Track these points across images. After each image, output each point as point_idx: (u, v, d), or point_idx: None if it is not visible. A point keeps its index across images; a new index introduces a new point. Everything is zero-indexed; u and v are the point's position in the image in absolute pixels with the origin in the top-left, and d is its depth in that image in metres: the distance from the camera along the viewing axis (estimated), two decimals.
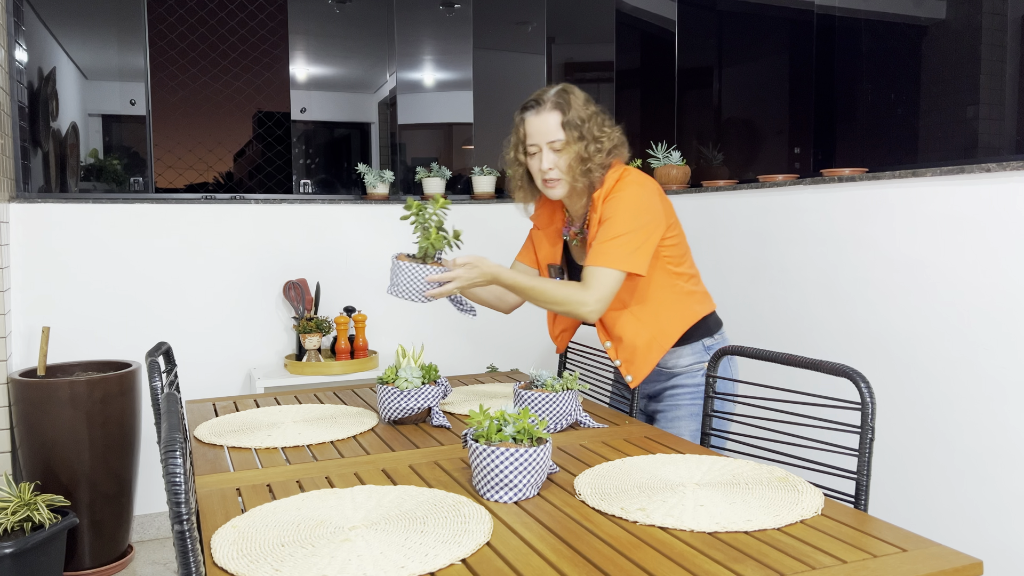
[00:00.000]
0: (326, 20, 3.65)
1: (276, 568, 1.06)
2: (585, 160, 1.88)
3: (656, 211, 1.87)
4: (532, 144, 1.92)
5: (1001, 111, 2.32)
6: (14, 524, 2.45)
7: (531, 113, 1.91)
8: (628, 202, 1.84)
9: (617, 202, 1.85)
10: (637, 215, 1.83)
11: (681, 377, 1.98)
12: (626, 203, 1.84)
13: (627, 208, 1.84)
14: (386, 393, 1.82)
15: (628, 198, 1.85)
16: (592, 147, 1.88)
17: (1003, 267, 2.05)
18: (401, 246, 3.59)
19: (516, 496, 1.33)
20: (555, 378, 1.81)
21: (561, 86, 1.94)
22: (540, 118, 1.89)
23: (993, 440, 2.09)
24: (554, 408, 1.75)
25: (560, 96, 1.90)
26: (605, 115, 1.95)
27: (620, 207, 1.84)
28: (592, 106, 1.93)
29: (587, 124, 1.88)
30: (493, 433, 1.36)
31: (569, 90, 1.92)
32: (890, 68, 2.68)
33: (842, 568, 1.06)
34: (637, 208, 1.84)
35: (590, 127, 1.89)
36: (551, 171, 1.90)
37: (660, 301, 1.93)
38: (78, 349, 3.13)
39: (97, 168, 3.35)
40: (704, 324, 1.98)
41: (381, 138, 3.80)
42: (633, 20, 3.96)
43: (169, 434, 0.98)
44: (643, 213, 1.84)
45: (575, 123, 1.88)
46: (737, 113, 3.47)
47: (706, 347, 1.97)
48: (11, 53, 3.07)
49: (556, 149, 1.89)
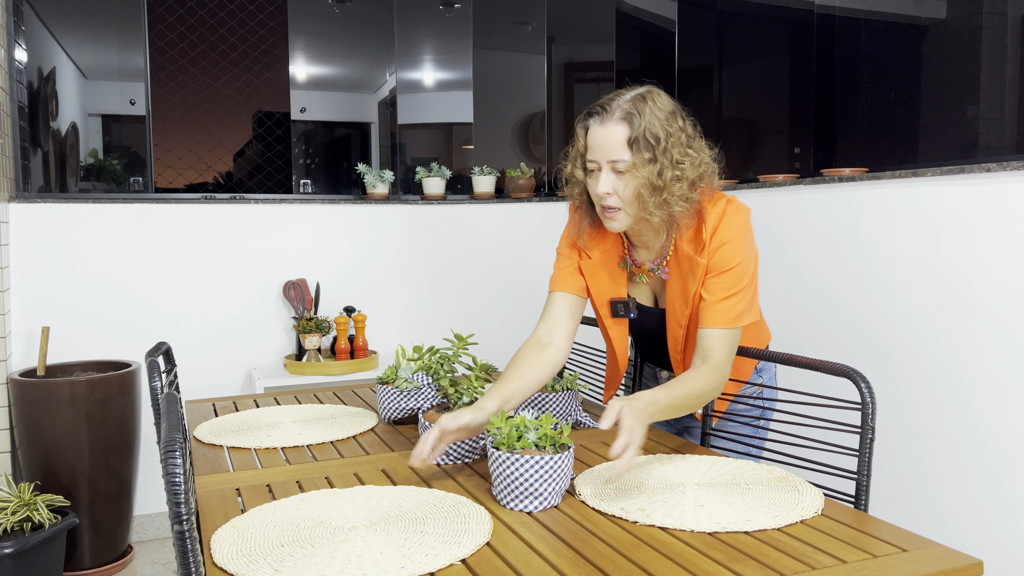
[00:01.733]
0: (326, 20, 3.65)
1: (276, 568, 1.06)
2: (658, 190, 1.51)
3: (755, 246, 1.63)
4: (592, 160, 1.56)
5: (1001, 111, 2.32)
6: (14, 524, 2.45)
7: (595, 121, 1.55)
8: (743, 246, 1.57)
9: (734, 249, 1.56)
10: (750, 262, 1.58)
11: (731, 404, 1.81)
12: (742, 247, 1.57)
13: (745, 254, 1.57)
14: (386, 393, 1.81)
15: (742, 241, 1.57)
16: (669, 174, 1.51)
17: (1003, 267, 2.05)
18: (401, 245, 3.59)
19: (541, 505, 1.28)
20: (555, 378, 1.80)
21: (642, 90, 1.56)
22: (604, 130, 1.52)
23: (993, 440, 2.09)
24: (554, 409, 1.75)
25: (634, 104, 1.52)
26: (695, 132, 1.59)
27: (740, 254, 1.56)
28: (679, 120, 1.55)
29: (664, 143, 1.51)
30: (514, 440, 1.31)
31: (649, 96, 1.54)
32: (890, 68, 2.68)
33: (842, 568, 1.06)
34: (750, 251, 1.58)
35: (668, 147, 1.51)
36: (609, 197, 1.54)
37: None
38: (78, 349, 3.13)
39: (97, 168, 3.35)
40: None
41: (381, 138, 3.80)
42: (633, 20, 3.96)
43: (169, 434, 0.98)
44: (753, 256, 1.60)
45: (648, 141, 1.50)
46: (737, 113, 3.47)
47: (757, 370, 1.80)
48: (11, 53, 3.07)
49: (619, 171, 1.52)
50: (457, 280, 3.69)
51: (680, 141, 1.54)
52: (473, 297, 3.71)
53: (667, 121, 1.53)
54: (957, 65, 2.43)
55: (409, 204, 3.62)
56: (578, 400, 1.82)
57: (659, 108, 1.53)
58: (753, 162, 3.35)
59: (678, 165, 1.52)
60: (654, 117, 1.52)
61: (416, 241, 3.62)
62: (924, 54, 2.56)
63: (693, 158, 1.54)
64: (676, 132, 1.53)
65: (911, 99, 2.60)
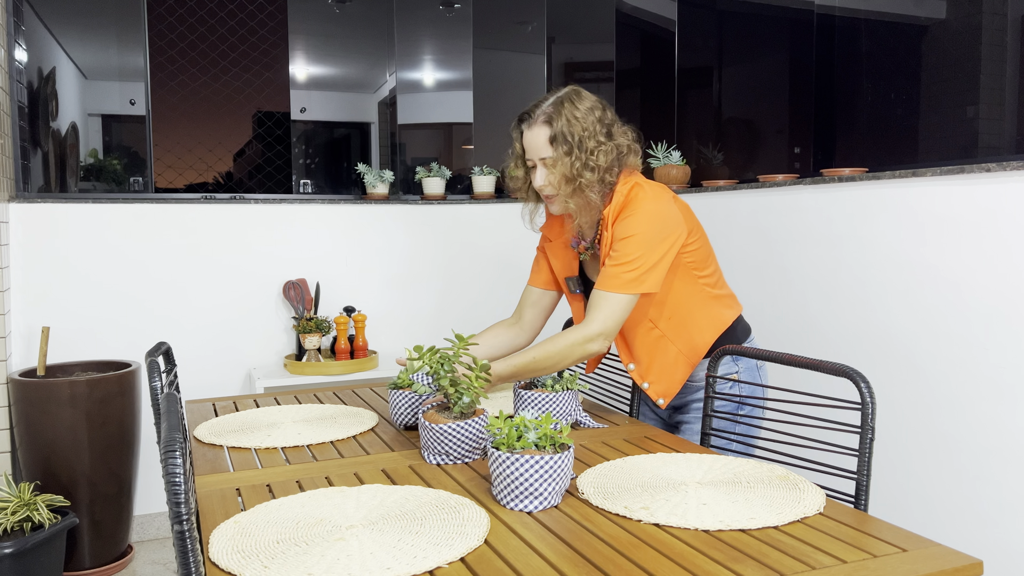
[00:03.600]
0: (326, 20, 3.65)
1: (265, 565, 1.07)
2: (572, 179, 1.76)
3: (674, 221, 1.76)
4: (528, 159, 1.84)
5: (1001, 111, 2.32)
6: (14, 524, 2.45)
7: (525, 126, 1.82)
8: (643, 221, 1.73)
9: (630, 222, 1.74)
10: (651, 235, 1.73)
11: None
12: (640, 222, 1.73)
13: (641, 227, 1.73)
14: (401, 398, 1.77)
15: (642, 216, 1.73)
16: (579, 164, 1.75)
17: (1003, 267, 2.05)
18: (401, 245, 3.59)
19: (541, 505, 1.29)
20: (555, 378, 1.80)
21: (561, 93, 1.81)
22: (532, 132, 1.80)
23: (993, 440, 2.09)
24: (554, 409, 1.75)
25: (554, 107, 1.78)
26: (613, 122, 1.82)
27: (634, 226, 1.73)
28: (596, 113, 1.79)
29: (579, 137, 1.76)
30: (514, 440, 1.31)
31: (568, 98, 1.79)
32: (890, 68, 2.68)
33: (842, 568, 1.06)
34: (651, 226, 1.73)
35: (583, 140, 1.76)
36: (546, 187, 1.81)
37: (687, 310, 1.83)
38: (78, 349, 3.13)
39: (97, 168, 3.35)
40: (732, 333, 1.88)
41: (381, 138, 3.80)
42: (633, 20, 3.96)
43: (169, 434, 0.98)
44: (659, 231, 1.73)
45: (564, 137, 1.76)
46: (737, 113, 3.47)
47: (734, 358, 1.87)
48: (11, 53, 3.07)
49: (547, 166, 1.79)
50: (457, 280, 3.69)
51: (595, 132, 1.77)
52: (473, 297, 3.71)
53: (583, 118, 1.77)
54: (957, 65, 2.43)
55: (409, 204, 3.62)
56: (578, 400, 1.82)
57: (576, 107, 1.78)
58: (753, 162, 3.35)
59: (591, 154, 1.76)
60: (572, 114, 1.77)
61: (416, 241, 3.62)
62: (924, 54, 2.57)
63: (606, 146, 1.77)
64: (591, 126, 1.77)
65: (911, 99, 2.60)
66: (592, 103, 1.80)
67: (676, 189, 3.31)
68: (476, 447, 1.55)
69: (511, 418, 1.35)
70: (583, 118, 1.77)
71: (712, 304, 1.86)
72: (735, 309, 1.91)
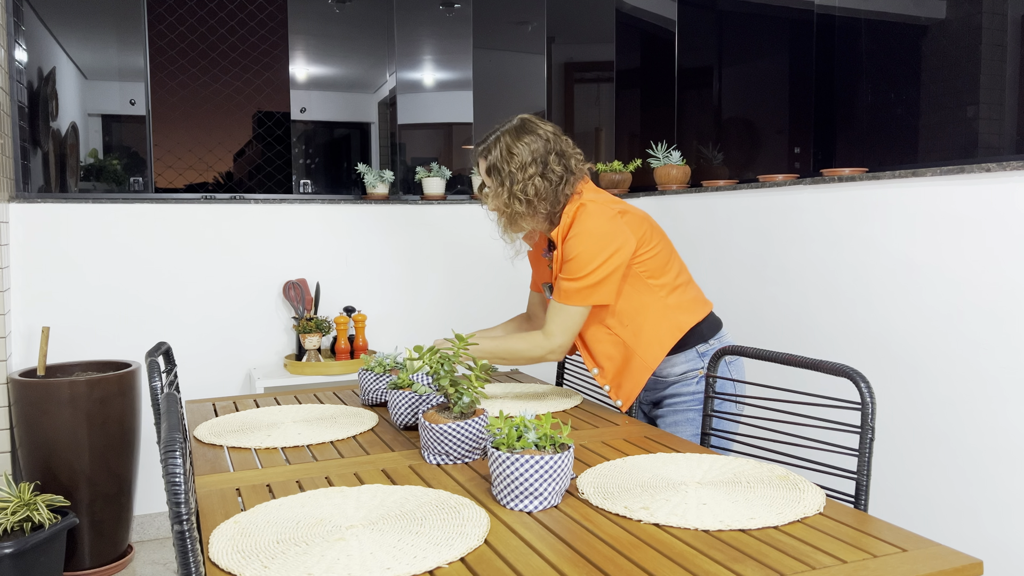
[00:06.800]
0: (326, 20, 3.65)
1: (265, 565, 1.07)
2: (503, 209, 1.91)
3: (618, 237, 1.84)
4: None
5: (1001, 111, 2.32)
6: (14, 524, 2.45)
7: (479, 155, 1.96)
8: (586, 240, 1.83)
9: (574, 242, 1.84)
10: (594, 252, 1.83)
11: (677, 385, 1.96)
12: (583, 241, 1.83)
13: (586, 246, 1.83)
14: (402, 399, 1.78)
15: (586, 236, 1.83)
16: (506, 196, 1.88)
17: (1003, 267, 2.05)
18: (401, 245, 3.59)
19: (541, 505, 1.29)
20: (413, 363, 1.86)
21: (507, 126, 1.92)
22: (480, 162, 1.94)
23: (993, 440, 2.09)
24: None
25: (495, 140, 1.91)
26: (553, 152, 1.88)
27: (578, 246, 1.84)
28: (532, 146, 1.87)
29: (509, 171, 1.87)
30: (514, 440, 1.32)
31: (510, 131, 1.90)
32: (890, 68, 2.68)
33: (842, 568, 1.06)
34: (595, 244, 1.83)
35: (513, 174, 1.87)
36: (492, 212, 1.97)
37: (643, 317, 1.90)
38: (78, 349, 3.13)
39: (97, 168, 3.35)
40: (696, 331, 1.94)
41: (381, 138, 3.80)
42: (633, 20, 3.96)
43: (169, 434, 0.98)
44: (602, 248, 1.83)
45: (497, 169, 1.89)
46: (737, 113, 3.47)
47: (700, 354, 1.94)
48: (11, 53, 3.07)
49: (487, 195, 1.95)
50: (457, 280, 3.69)
51: (524, 166, 1.86)
52: (473, 297, 3.71)
53: (519, 152, 1.87)
54: (957, 65, 2.43)
55: (409, 204, 3.62)
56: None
57: (515, 142, 1.87)
58: (753, 162, 3.35)
59: (518, 188, 1.86)
60: (504, 151, 1.88)
61: (416, 241, 3.62)
62: (924, 54, 2.57)
63: (536, 183, 1.86)
64: (525, 159, 1.86)
65: (911, 99, 2.60)
66: (532, 136, 1.89)
67: (676, 189, 3.31)
68: (476, 447, 1.55)
69: (511, 418, 1.36)
70: (519, 152, 1.87)
71: (668, 311, 1.92)
72: (697, 312, 1.95)
